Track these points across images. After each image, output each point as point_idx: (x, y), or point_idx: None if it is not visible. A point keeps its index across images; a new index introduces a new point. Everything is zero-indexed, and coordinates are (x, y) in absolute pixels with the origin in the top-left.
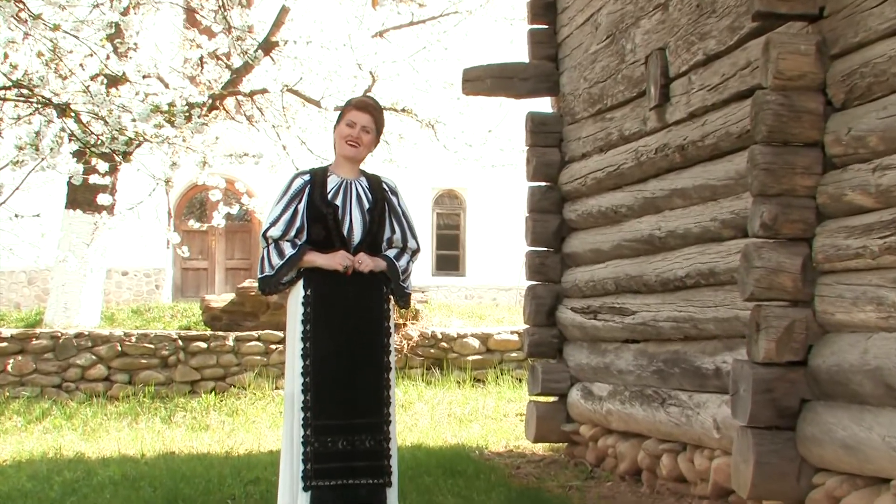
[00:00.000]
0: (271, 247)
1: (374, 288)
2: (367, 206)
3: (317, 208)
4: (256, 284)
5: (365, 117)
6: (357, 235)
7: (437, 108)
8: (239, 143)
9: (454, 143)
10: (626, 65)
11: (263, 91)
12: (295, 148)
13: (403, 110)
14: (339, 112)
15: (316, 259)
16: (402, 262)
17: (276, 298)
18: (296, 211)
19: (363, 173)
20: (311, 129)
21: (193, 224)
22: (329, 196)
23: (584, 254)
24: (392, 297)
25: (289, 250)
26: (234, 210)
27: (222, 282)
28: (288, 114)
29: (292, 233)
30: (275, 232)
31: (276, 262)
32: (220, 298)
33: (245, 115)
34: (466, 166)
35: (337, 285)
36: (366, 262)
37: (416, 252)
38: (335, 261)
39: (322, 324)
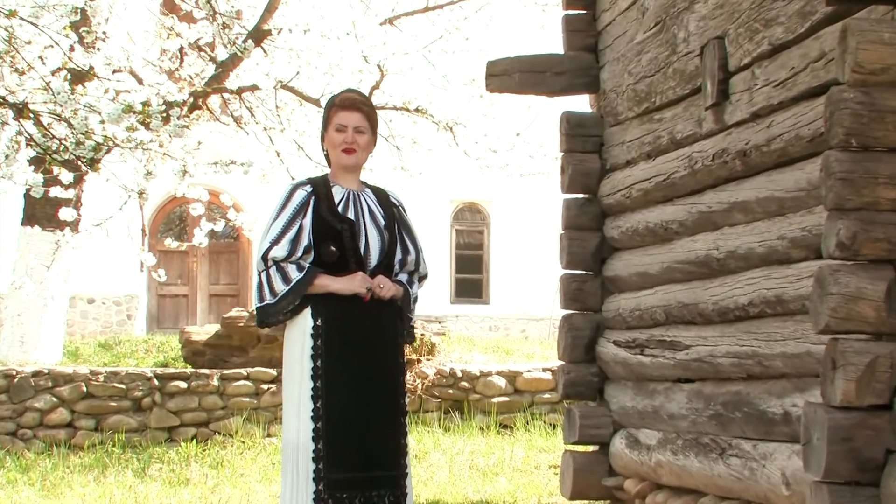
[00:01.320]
0: (272, 270)
1: (392, 318)
2: (382, 221)
3: (327, 224)
4: (252, 314)
5: (355, 116)
6: (374, 256)
7: (456, 108)
8: (225, 149)
9: (476, 149)
10: (678, 57)
11: (254, 88)
12: (290, 154)
13: (417, 110)
14: (323, 116)
15: (330, 284)
16: (415, 290)
17: (268, 330)
18: (301, 227)
19: (365, 184)
20: (309, 133)
21: (171, 243)
22: (340, 208)
23: (628, 278)
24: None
25: (295, 274)
26: (219, 227)
27: (205, 311)
28: (282, 114)
29: (298, 253)
30: (278, 252)
31: (280, 287)
32: (203, 330)
33: (232, 115)
34: (490, 176)
35: (353, 314)
36: (387, 287)
37: (424, 278)
38: (354, 284)
39: (336, 359)
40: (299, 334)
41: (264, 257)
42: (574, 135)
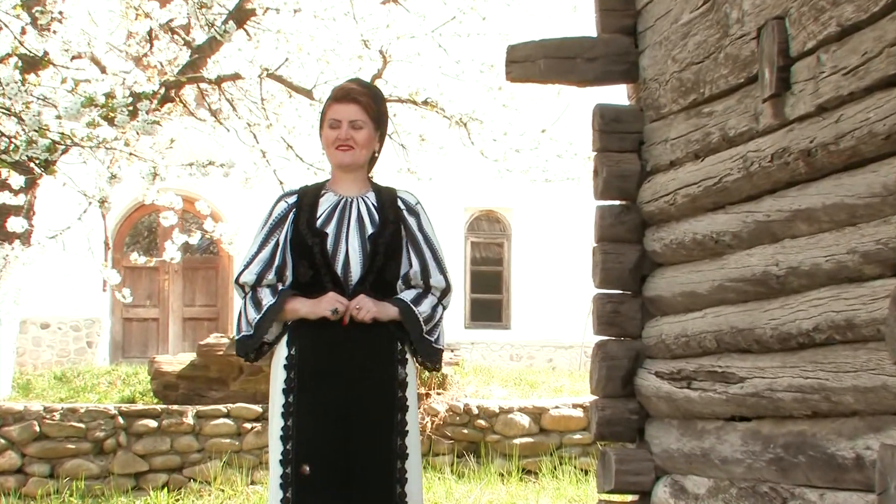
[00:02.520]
0: (248, 297)
1: (381, 344)
2: (368, 230)
3: (301, 239)
4: (233, 340)
5: (350, 108)
6: (355, 272)
7: (471, 100)
8: (202, 148)
9: (495, 148)
10: (731, 40)
11: (235, 77)
12: (278, 154)
13: (426, 103)
14: (322, 111)
15: (300, 307)
16: (425, 307)
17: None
18: (276, 246)
19: (374, 187)
20: (299, 129)
21: (139, 259)
22: (319, 221)
23: (672, 298)
24: (413, 357)
25: (268, 299)
26: (195, 239)
27: (178, 337)
28: (269, 108)
29: (270, 275)
30: (248, 277)
31: (253, 316)
32: (176, 360)
33: (210, 109)
34: (511, 179)
35: (331, 342)
36: (366, 307)
37: (445, 292)
38: (320, 307)
39: (310, 395)
40: (277, 366)
41: (237, 283)
42: (609, 131)
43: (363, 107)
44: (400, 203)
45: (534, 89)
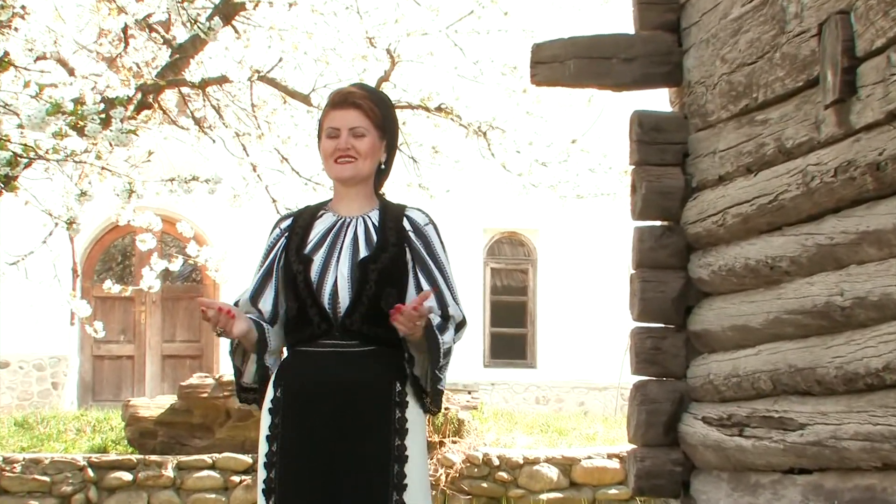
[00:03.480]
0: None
1: (377, 384)
2: (362, 254)
3: (288, 268)
4: (218, 380)
5: (350, 115)
6: (343, 303)
7: (491, 107)
8: (184, 161)
9: (518, 161)
10: (789, 37)
11: (222, 80)
12: (271, 167)
13: (440, 109)
14: (320, 119)
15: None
16: (448, 338)
17: (238, 404)
18: (268, 275)
19: (382, 204)
20: (295, 139)
21: (112, 288)
22: (308, 246)
23: (722, 333)
24: (416, 396)
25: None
26: (176, 265)
27: (156, 377)
28: (260, 115)
29: (260, 306)
30: (244, 302)
31: (237, 361)
32: (154, 403)
33: (194, 117)
34: (537, 196)
35: (318, 381)
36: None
37: (461, 326)
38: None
39: (293, 445)
40: (263, 410)
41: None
42: (649, 142)
43: (365, 112)
44: (406, 223)
45: (562, 94)
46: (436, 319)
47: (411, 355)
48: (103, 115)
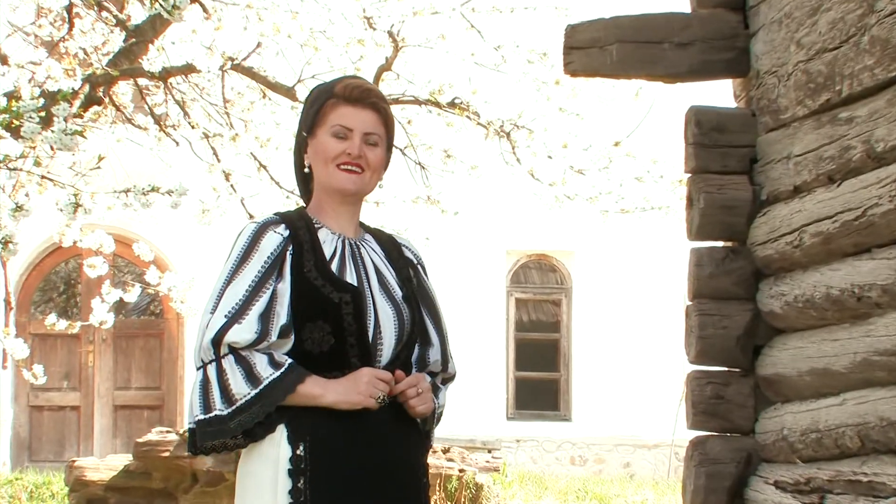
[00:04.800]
0: (229, 362)
1: (418, 443)
2: (398, 291)
3: (317, 293)
4: (184, 436)
5: (367, 117)
6: (387, 346)
7: (516, 102)
8: (142, 169)
9: (549, 168)
10: (879, 17)
11: (188, 70)
12: (247, 176)
13: (453, 105)
14: (307, 110)
15: (323, 393)
16: (441, 399)
17: (210, 463)
18: (274, 295)
19: (363, 226)
20: (277, 140)
21: (55, 323)
22: (334, 268)
23: (798, 378)
24: None
25: (267, 371)
26: (132, 296)
27: (107, 432)
28: (234, 112)
29: (272, 337)
30: (242, 335)
31: (242, 390)
32: (105, 464)
33: (153, 114)
34: (572, 211)
35: (357, 437)
36: (426, 393)
37: (450, 381)
38: (358, 391)
39: None
40: (266, 470)
41: (217, 341)
42: (708, 145)
43: (382, 118)
44: (408, 253)
45: (603, 86)
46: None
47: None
48: (43, 113)
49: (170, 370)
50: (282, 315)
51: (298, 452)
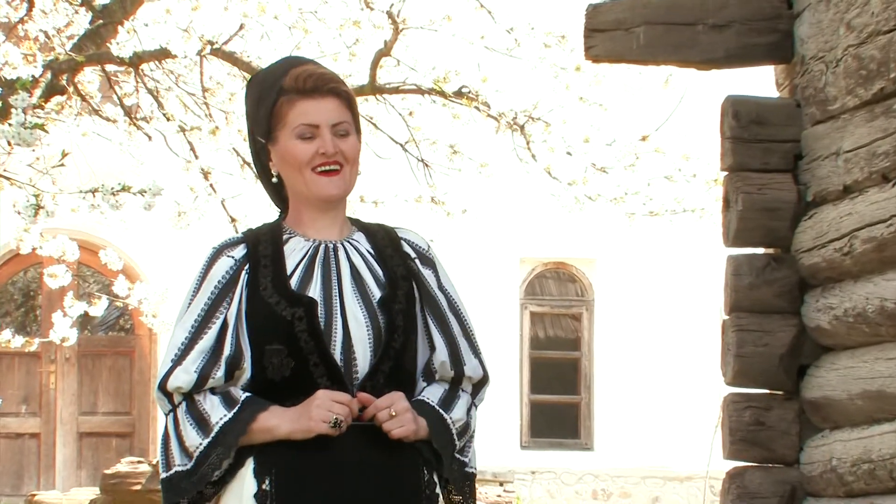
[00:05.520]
0: (182, 412)
1: (402, 472)
2: (375, 292)
3: (270, 311)
4: (154, 473)
5: (328, 106)
6: (363, 361)
7: (531, 91)
8: (110, 167)
9: (568, 165)
10: None
11: (162, 55)
12: (228, 173)
13: (461, 94)
14: (254, 111)
15: (279, 424)
16: (458, 413)
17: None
18: (224, 326)
19: (358, 225)
20: None
21: (9, 340)
22: (294, 281)
23: (849, 402)
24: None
25: (219, 412)
26: (99, 309)
27: (71, 462)
28: (214, 102)
29: (218, 372)
30: (181, 379)
31: (194, 441)
32: (69, 498)
33: (123, 105)
34: (594, 213)
35: (328, 468)
36: (405, 416)
37: (481, 386)
38: (313, 418)
39: None
40: None
41: (162, 387)
42: (748, 139)
43: (346, 101)
44: (407, 247)
45: (629, 73)
46: (435, 394)
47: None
48: (0, 104)
49: (141, 393)
50: (225, 349)
51: (264, 487)
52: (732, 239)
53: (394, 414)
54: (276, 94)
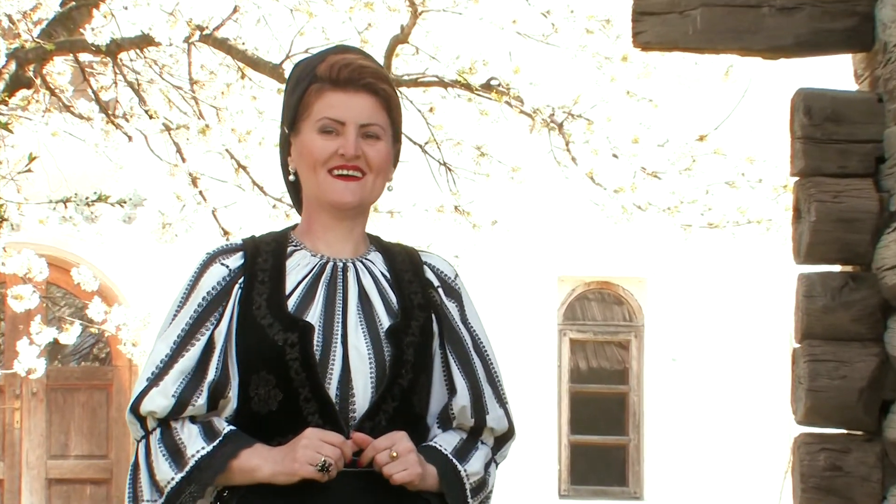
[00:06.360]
0: (154, 441)
1: None
2: (383, 321)
3: (261, 334)
4: None
5: (362, 103)
6: (362, 398)
7: (570, 84)
8: (85, 171)
9: (614, 169)
10: None
11: (144, 42)
12: (220, 181)
13: (489, 87)
14: (287, 98)
15: (261, 465)
16: (475, 466)
17: None
18: (210, 345)
19: (378, 244)
20: (260, 132)
21: None
22: (293, 301)
23: None
24: None
25: (196, 444)
26: (71, 336)
27: None
28: (203, 96)
29: (199, 399)
30: (157, 402)
31: (167, 476)
32: None
33: (99, 100)
34: (644, 225)
35: None
36: (408, 459)
37: (505, 440)
38: (297, 461)
39: None
40: None
41: (134, 410)
42: (822, 139)
43: (384, 101)
44: (430, 274)
45: (684, 63)
46: (450, 442)
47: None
48: None
49: (119, 433)
50: (209, 372)
51: None
52: (804, 255)
53: (395, 455)
54: (308, 81)
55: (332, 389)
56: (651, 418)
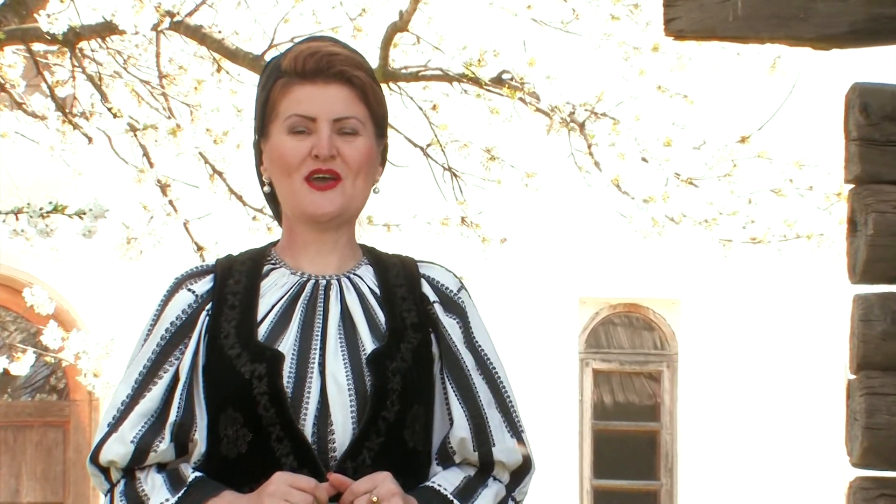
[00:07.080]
0: (117, 494)
1: None
2: (366, 345)
3: (227, 366)
4: None
5: (336, 94)
6: (342, 435)
7: (593, 79)
8: (40, 178)
9: (643, 175)
10: None
11: (108, 31)
12: (192, 187)
13: (500, 82)
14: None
15: None
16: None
17: None
18: (173, 382)
19: (370, 254)
20: (238, 136)
21: None
22: (264, 329)
23: None
24: None
25: (160, 496)
26: (24, 366)
27: None
28: (174, 93)
29: (162, 444)
30: (116, 450)
31: None
32: None
33: (55, 97)
34: (677, 240)
35: None
36: (388, 499)
37: (522, 475)
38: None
39: None
40: None
41: (95, 462)
42: (880, 141)
43: (360, 91)
44: (427, 288)
45: (724, 54)
46: (451, 481)
47: None
48: None
49: (78, 476)
50: (174, 410)
51: None
52: (860, 273)
53: (376, 500)
54: (275, 77)
55: (308, 426)
56: (685, 460)
